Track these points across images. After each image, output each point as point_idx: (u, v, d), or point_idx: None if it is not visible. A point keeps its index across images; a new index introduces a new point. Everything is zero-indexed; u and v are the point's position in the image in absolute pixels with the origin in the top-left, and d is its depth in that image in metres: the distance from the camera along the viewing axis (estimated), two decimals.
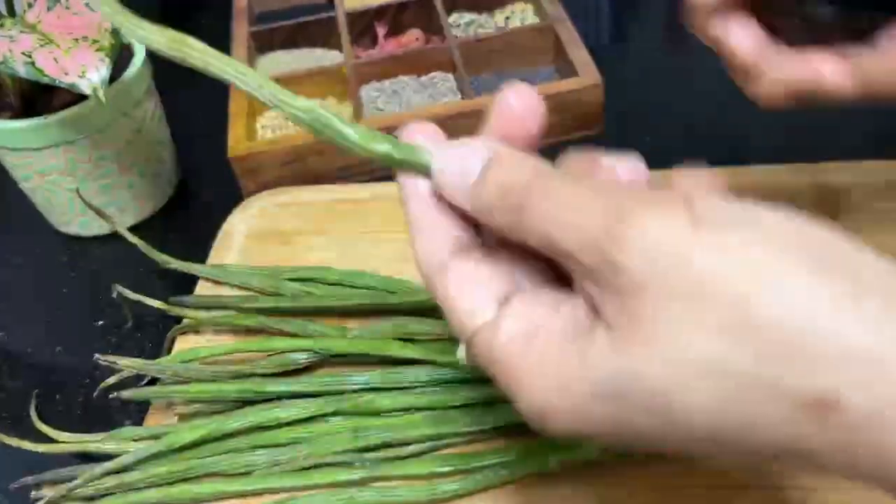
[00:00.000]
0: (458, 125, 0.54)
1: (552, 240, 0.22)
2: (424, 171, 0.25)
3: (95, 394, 0.41)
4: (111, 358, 0.39)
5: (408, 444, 0.37)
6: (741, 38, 0.32)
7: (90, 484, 0.37)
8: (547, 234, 0.22)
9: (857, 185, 0.47)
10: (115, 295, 0.44)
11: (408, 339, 0.41)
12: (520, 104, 0.25)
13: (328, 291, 0.44)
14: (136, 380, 0.42)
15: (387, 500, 0.36)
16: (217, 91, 0.59)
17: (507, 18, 0.64)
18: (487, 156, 0.24)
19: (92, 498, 0.37)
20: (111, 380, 0.41)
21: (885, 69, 0.30)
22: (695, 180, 0.23)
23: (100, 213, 0.46)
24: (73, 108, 0.47)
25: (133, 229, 0.54)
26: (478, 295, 0.24)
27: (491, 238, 0.26)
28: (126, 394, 0.39)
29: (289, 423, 0.39)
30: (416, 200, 0.26)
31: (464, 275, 0.24)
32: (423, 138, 0.26)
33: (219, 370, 0.40)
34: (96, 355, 0.39)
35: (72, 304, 0.50)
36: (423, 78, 0.60)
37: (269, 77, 0.25)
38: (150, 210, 0.55)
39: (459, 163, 0.24)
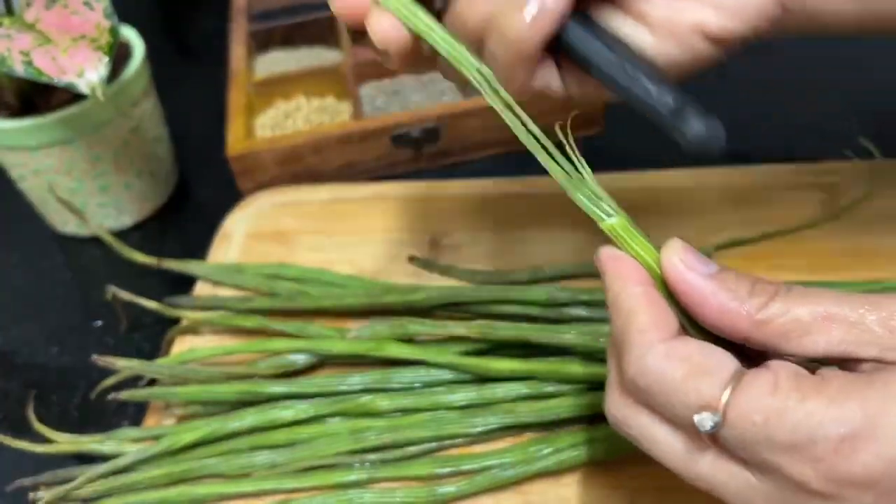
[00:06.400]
0: (458, 125, 0.54)
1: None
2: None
3: (93, 395, 0.41)
4: (109, 359, 0.39)
5: (407, 445, 0.37)
6: None
7: (88, 485, 0.37)
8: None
9: (856, 185, 0.47)
10: (109, 296, 0.43)
11: (406, 340, 0.41)
12: None
13: (326, 292, 0.44)
14: (134, 381, 0.41)
15: (386, 501, 0.36)
16: (215, 90, 0.59)
17: None
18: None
19: (90, 499, 0.37)
20: (109, 381, 0.41)
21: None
22: None
23: (75, 211, 0.45)
24: (70, 108, 0.47)
25: (131, 229, 0.54)
26: (724, 360, 0.24)
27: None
28: (124, 395, 0.39)
29: (287, 425, 0.39)
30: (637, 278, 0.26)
31: (703, 348, 0.24)
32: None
33: (217, 371, 0.40)
34: (94, 356, 0.39)
35: (69, 304, 0.50)
36: (423, 77, 0.60)
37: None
38: (148, 210, 0.55)
39: (696, 259, 0.25)
